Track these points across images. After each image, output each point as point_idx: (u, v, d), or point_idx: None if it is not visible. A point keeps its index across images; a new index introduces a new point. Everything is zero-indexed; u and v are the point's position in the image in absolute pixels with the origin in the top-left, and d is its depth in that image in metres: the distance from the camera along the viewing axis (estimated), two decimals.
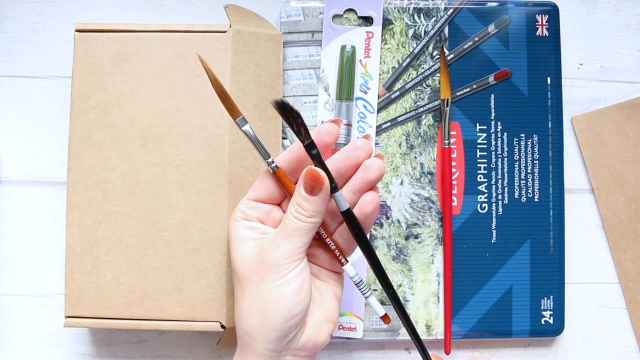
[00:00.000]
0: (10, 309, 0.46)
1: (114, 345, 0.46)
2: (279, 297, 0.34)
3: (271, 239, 0.35)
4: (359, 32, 0.46)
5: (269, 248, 0.35)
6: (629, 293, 0.47)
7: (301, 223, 0.34)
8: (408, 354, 0.47)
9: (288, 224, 0.35)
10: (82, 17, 0.47)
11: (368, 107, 0.46)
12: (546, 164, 0.46)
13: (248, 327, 0.35)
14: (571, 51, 0.48)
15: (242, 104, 0.43)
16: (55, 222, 0.46)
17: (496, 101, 0.47)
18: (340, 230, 0.38)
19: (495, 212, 0.46)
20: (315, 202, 0.34)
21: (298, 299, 0.34)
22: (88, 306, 0.42)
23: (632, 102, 0.48)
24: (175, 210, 0.42)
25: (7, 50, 0.47)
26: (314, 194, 0.34)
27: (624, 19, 0.48)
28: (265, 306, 0.34)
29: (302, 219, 0.34)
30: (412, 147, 0.46)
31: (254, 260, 0.35)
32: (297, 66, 0.46)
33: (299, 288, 0.34)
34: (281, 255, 0.34)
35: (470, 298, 0.46)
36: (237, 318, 0.36)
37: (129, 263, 0.42)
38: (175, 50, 0.43)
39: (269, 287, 0.34)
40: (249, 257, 0.35)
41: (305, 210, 0.34)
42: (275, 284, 0.34)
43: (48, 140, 0.47)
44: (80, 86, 0.43)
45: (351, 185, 0.36)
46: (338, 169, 0.36)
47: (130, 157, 0.42)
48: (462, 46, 0.46)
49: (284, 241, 0.34)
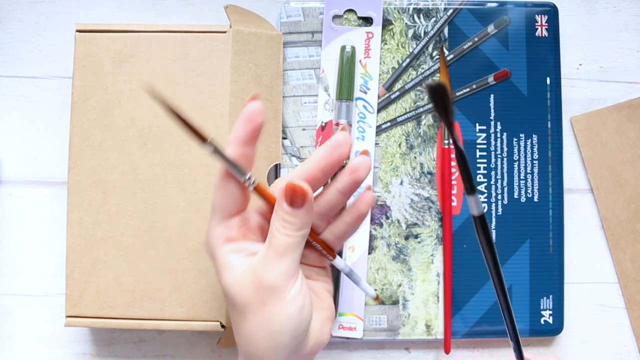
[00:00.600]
0: (10, 309, 0.46)
1: (114, 345, 0.46)
2: (285, 320, 0.32)
3: (262, 260, 0.33)
4: (358, 33, 0.46)
5: (262, 271, 0.32)
6: (628, 293, 0.47)
7: (290, 239, 0.32)
8: (408, 354, 0.47)
9: (277, 242, 0.33)
10: (83, 18, 0.47)
11: (368, 107, 0.46)
12: (546, 164, 0.47)
13: (256, 350, 0.33)
14: (570, 51, 0.48)
15: (242, 104, 0.43)
16: (55, 222, 0.46)
17: (496, 101, 0.47)
18: (331, 228, 0.36)
19: (495, 212, 0.46)
20: (301, 214, 0.32)
21: (303, 315, 0.33)
22: (88, 306, 0.42)
23: (632, 103, 0.48)
24: (175, 210, 0.42)
25: (8, 51, 0.47)
26: (297, 207, 0.32)
27: (623, 19, 0.49)
28: (273, 330, 0.32)
29: (290, 234, 0.32)
30: (412, 147, 0.46)
31: (248, 284, 0.33)
32: (297, 66, 0.46)
33: (302, 305, 0.33)
34: (277, 277, 0.32)
35: (470, 298, 0.46)
36: (241, 343, 0.34)
37: (129, 263, 0.42)
38: (175, 50, 0.43)
39: (273, 312, 0.32)
40: (243, 282, 0.33)
41: (292, 224, 0.32)
42: (278, 308, 0.32)
43: (48, 140, 0.47)
44: (81, 86, 0.43)
45: (340, 187, 0.35)
46: (322, 169, 0.34)
47: (130, 157, 0.43)
48: (462, 46, 0.47)
49: (277, 262, 0.32)
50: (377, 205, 0.46)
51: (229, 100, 0.43)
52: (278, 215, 0.33)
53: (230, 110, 0.43)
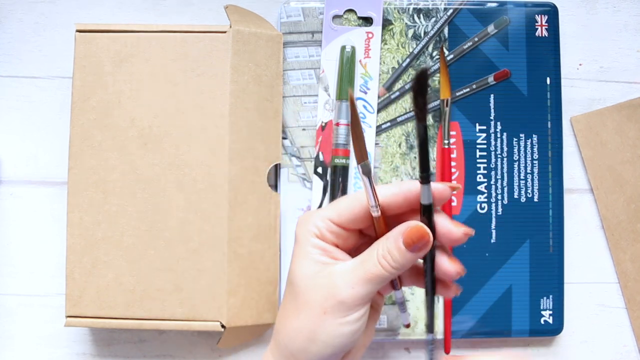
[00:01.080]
0: (10, 309, 0.46)
1: (115, 345, 0.46)
2: (337, 335, 0.32)
3: (345, 273, 0.32)
4: (358, 33, 0.46)
5: (341, 284, 0.32)
6: (628, 293, 0.47)
7: (385, 272, 0.32)
8: (408, 354, 0.47)
9: (370, 269, 0.32)
10: (83, 18, 0.47)
11: (368, 107, 0.46)
12: (546, 164, 0.47)
13: (291, 345, 0.33)
14: (570, 51, 0.48)
15: (242, 104, 0.43)
16: (55, 222, 0.46)
17: (496, 101, 0.47)
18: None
19: (495, 212, 0.46)
20: (410, 257, 0.32)
21: (352, 339, 0.33)
22: (88, 306, 0.42)
23: (632, 103, 0.48)
24: (175, 210, 0.42)
25: (8, 51, 0.47)
26: (412, 251, 0.32)
27: (623, 19, 0.49)
28: (319, 338, 0.32)
29: (388, 268, 0.32)
30: (412, 147, 0.46)
31: (319, 286, 0.32)
32: (297, 66, 0.46)
33: (357, 330, 0.33)
34: (353, 296, 0.32)
35: (469, 298, 0.46)
36: (281, 330, 0.34)
37: (129, 263, 0.42)
38: (175, 50, 0.43)
39: (329, 322, 0.32)
40: (314, 280, 0.33)
41: (394, 261, 0.32)
42: (336, 322, 0.32)
43: (48, 140, 0.47)
44: (81, 86, 0.43)
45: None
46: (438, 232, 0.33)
47: (130, 157, 0.43)
48: (462, 46, 0.47)
49: (360, 284, 0.32)
50: None
51: (229, 100, 0.43)
52: (386, 245, 0.32)
53: (230, 110, 0.43)
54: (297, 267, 0.33)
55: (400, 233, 0.32)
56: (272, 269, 0.44)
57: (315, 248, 0.33)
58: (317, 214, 0.34)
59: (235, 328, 0.42)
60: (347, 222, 0.33)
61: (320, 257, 0.33)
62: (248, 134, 0.43)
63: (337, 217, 0.33)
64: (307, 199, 0.46)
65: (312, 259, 0.33)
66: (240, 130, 0.43)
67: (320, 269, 0.33)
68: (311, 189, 0.46)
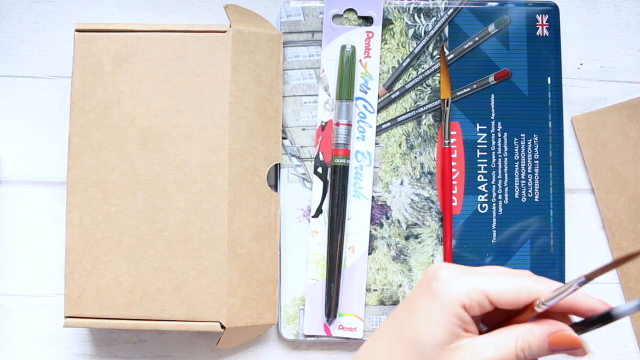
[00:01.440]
0: (10, 309, 0.46)
1: (114, 346, 0.46)
2: None
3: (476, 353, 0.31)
4: (359, 32, 0.46)
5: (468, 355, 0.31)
6: (629, 293, 0.47)
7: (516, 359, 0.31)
8: None
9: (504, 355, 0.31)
10: (82, 17, 0.47)
11: (368, 107, 0.46)
12: (546, 164, 0.46)
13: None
14: (571, 51, 0.48)
15: (242, 104, 0.43)
16: (55, 222, 0.46)
17: (496, 101, 0.47)
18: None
19: (496, 212, 0.46)
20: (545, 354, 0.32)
21: None
22: (88, 306, 0.42)
23: (633, 102, 0.48)
24: (175, 210, 0.42)
25: (7, 50, 0.47)
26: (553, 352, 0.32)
27: (624, 18, 0.48)
28: None
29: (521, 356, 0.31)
30: (412, 147, 0.46)
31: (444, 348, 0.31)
32: (297, 66, 0.46)
33: None
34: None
35: None
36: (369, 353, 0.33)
37: (129, 263, 0.42)
38: (175, 50, 0.43)
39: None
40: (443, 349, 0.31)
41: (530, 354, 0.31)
42: None
43: (48, 140, 0.47)
44: (80, 86, 0.43)
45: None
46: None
47: (130, 157, 0.42)
48: (462, 46, 0.46)
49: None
50: (377, 206, 0.46)
51: (229, 100, 0.42)
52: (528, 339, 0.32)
53: (230, 110, 0.42)
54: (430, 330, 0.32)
55: (548, 334, 0.32)
56: (272, 269, 0.44)
57: (457, 319, 0.32)
58: (472, 282, 0.32)
59: (235, 328, 0.42)
60: (505, 305, 0.32)
61: (456, 329, 0.32)
62: (248, 134, 0.43)
63: (497, 296, 0.31)
64: (307, 199, 0.46)
65: (450, 329, 0.31)
66: (240, 130, 0.43)
67: (451, 339, 0.31)
68: (311, 189, 0.46)
